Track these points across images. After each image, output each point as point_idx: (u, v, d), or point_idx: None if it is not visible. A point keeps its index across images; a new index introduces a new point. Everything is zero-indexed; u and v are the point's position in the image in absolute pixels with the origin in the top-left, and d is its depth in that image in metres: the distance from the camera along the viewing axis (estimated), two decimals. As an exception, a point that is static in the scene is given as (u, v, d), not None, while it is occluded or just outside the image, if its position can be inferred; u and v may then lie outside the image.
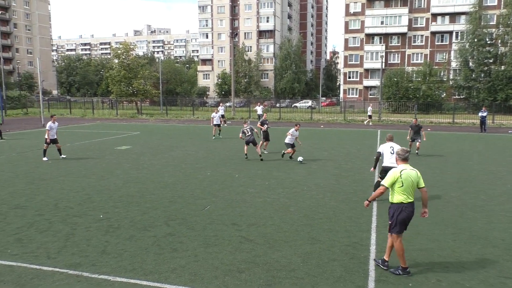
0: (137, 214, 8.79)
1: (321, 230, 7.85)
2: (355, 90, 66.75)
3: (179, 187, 11.28)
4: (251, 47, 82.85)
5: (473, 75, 52.22)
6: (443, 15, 60.43)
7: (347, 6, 65.44)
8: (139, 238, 7.36)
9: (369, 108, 36.79)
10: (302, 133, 20.13)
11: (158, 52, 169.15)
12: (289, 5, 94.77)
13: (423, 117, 40.22)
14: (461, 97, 55.17)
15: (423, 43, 62.01)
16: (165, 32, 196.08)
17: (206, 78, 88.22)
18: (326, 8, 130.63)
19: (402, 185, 5.85)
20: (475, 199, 10.31)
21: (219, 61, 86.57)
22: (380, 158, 9.77)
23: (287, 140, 15.71)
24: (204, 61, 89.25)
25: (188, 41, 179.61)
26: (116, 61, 49.22)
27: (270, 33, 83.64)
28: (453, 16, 59.83)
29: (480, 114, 29.44)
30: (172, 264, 6.24)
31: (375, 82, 61.24)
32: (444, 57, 59.43)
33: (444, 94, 54.96)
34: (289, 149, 15.71)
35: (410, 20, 61.97)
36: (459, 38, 57.12)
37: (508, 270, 6.18)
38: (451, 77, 57.85)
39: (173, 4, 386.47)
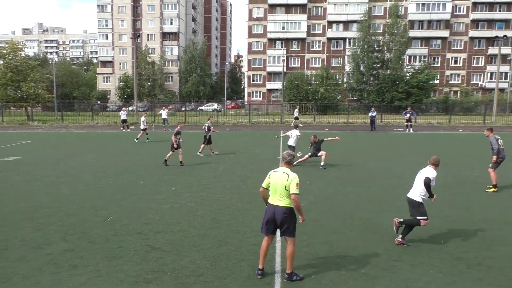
0: (29, 231, 8.01)
1: (228, 231, 7.93)
2: (259, 93, 68.65)
3: (77, 198, 10.56)
4: (154, 49, 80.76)
5: (364, 79, 57.09)
6: (337, 22, 64.94)
7: (250, 11, 67.10)
8: (32, 258, 6.72)
9: (295, 110, 37.48)
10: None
11: (51, 53, 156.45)
12: (194, 7, 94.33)
13: (322, 117, 42.78)
14: (354, 98, 60.02)
15: (321, 48, 65.99)
16: (60, 31, 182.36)
17: (107, 81, 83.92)
18: (230, 12, 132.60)
19: (269, 186, 5.87)
20: (368, 192, 11.24)
21: (120, 63, 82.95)
22: None
23: (291, 143, 15.35)
24: (104, 63, 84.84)
25: (86, 41, 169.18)
26: (1, 62, 44.54)
27: (174, 36, 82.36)
28: (346, 24, 64.62)
29: (370, 114, 32.24)
30: (72, 283, 5.81)
31: (277, 85, 63.64)
32: (339, 62, 64.08)
33: (340, 96, 59.20)
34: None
35: (308, 27, 65.53)
36: (351, 44, 61.90)
37: (397, 254, 6.84)
38: (345, 80, 62.54)
39: (68, 2, 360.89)
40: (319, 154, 15.08)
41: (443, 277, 6.00)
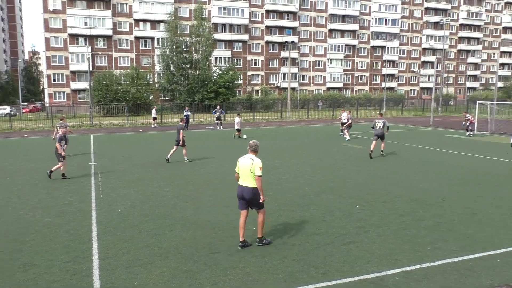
0: None
1: (34, 252, 7.03)
2: (62, 93, 62.34)
3: None
4: None
5: (175, 79, 57.87)
6: (145, 21, 63.86)
7: (45, 2, 60.05)
8: None
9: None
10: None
11: None
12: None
13: (134, 118, 41.67)
14: (167, 98, 60.34)
15: (129, 47, 63.92)
16: None
17: None
18: (20, 2, 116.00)
19: (239, 170, 7.11)
20: (185, 190, 11.52)
21: None
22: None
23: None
24: None
25: None
26: None
27: None
28: (154, 23, 64.14)
29: (184, 113, 32.99)
30: None
31: (84, 85, 59.01)
32: (149, 61, 63.33)
33: (152, 96, 58.65)
34: None
35: (114, 24, 62.56)
36: (160, 44, 61.86)
37: (216, 247, 7.22)
38: (156, 80, 62.23)
39: None
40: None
41: (256, 260, 6.62)
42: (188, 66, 57.92)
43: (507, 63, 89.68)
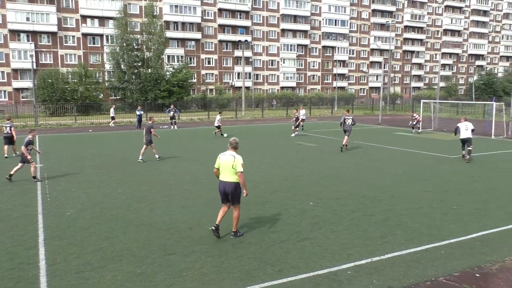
0: None
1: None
2: (3, 92, 58.82)
3: None
4: None
5: (126, 77, 56.24)
6: (92, 18, 61.52)
7: (-18, -4, 56.38)
8: None
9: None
10: None
11: None
12: None
13: (84, 118, 40.17)
14: (118, 97, 58.52)
15: (76, 44, 61.35)
16: None
17: None
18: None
19: (220, 166, 7.43)
20: (139, 191, 11.25)
21: None
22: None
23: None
24: None
25: None
26: None
27: None
28: (102, 20, 61.96)
29: (137, 112, 32.20)
30: None
31: (27, 83, 55.97)
32: (98, 59, 61.11)
33: (102, 95, 56.71)
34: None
35: (59, 20, 59.76)
36: (109, 41, 59.88)
37: (171, 248, 7.11)
38: (106, 78, 60.21)
39: None
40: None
41: (213, 260, 6.60)
42: (139, 64, 56.49)
43: (448, 63, 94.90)
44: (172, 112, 32.81)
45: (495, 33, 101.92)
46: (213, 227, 7.52)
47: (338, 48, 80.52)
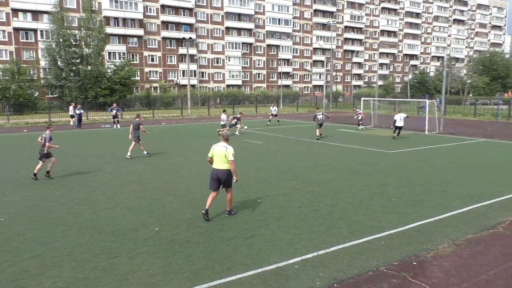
0: None
1: None
2: None
3: None
4: None
5: (64, 74, 53.47)
6: (24, 11, 57.89)
7: None
8: None
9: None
10: None
11: None
12: None
13: (18, 118, 37.75)
14: (55, 95, 55.50)
15: (7, 39, 57.44)
16: None
17: None
18: None
19: (213, 155, 8.46)
20: (80, 193, 10.77)
21: None
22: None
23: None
24: None
25: None
26: None
27: None
28: (36, 14, 58.50)
29: (76, 111, 30.76)
30: None
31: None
32: (32, 55, 57.61)
33: (37, 93, 53.59)
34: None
35: (-13, 13, 55.72)
36: (45, 37, 56.66)
37: (115, 250, 6.89)
38: (42, 76, 56.92)
39: None
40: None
41: (160, 261, 6.47)
42: (78, 61, 53.89)
43: (385, 63, 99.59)
44: (114, 111, 31.69)
45: (427, 34, 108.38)
46: (203, 211, 8.50)
47: (282, 47, 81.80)
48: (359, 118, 28.34)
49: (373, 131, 27.21)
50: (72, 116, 33.38)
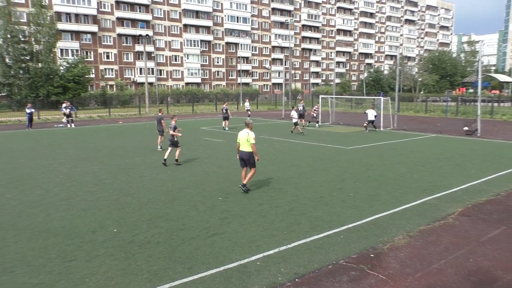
0: None
1: None
2: None
3: None
4: None
5: (12, 72, 50.83)
6: (-33, 4, 54.54)
7: None
8: None
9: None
10: None
11: None
12: None
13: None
14: (3, 94, 52.66)
15: None
16: None
17: None
18: None
19: (239, 140, 10.30)
20: (32, 195, 10.30)
21: None
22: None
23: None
24: None
25: None
26: None
27: None
28: (-20, 7, 55.25)
29: (27, 110, 29.36)
30: None
31: None
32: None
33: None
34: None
35: None
36: (-10, 32, 53.53)
37: (71, 253, 6.65)
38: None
39: None
40: None
41: (119, 263, 6.31)
42: (28, 58, 51.37)
43: (342, 61, 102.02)
44: (68, 110, 30.51)
45: (381, 34, 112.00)
46: (240, 185, 10.44)
47: (241, 44, 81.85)
48: (314, 115, 29.00)
49: (331, 128, 27.81)
50: (64, 114, 31.24)
